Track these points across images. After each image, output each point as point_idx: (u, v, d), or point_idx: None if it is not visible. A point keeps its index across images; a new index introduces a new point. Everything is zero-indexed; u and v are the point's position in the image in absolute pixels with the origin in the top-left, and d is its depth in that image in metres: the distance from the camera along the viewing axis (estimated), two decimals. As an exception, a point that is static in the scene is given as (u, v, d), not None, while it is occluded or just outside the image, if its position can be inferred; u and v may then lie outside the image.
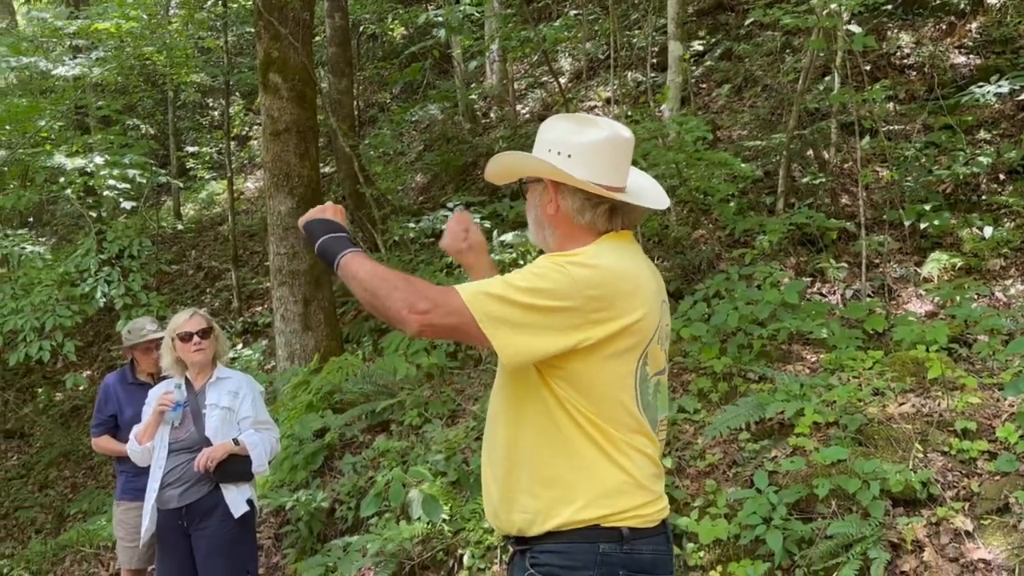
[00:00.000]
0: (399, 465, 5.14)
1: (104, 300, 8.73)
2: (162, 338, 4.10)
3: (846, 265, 6.20)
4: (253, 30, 8.40)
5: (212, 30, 14.55)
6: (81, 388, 9.48)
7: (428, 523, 4.61)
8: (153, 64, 13.06)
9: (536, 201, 2.09)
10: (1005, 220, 6.33)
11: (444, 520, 4.65)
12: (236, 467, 3.78)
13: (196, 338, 3.87)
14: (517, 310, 1.82)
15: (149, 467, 3.88)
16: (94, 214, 10.02)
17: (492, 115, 12.80)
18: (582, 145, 2.02)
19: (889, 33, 9.44)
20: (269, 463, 4.01)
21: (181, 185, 15.62)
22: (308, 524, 5.28)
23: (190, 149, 17.24)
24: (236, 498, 3.79)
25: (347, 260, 1.95)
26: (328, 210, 2.13)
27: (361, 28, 14.58)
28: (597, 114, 10.50)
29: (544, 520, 1.94)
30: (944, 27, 9.20)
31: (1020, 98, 6.83)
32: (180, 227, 15.65)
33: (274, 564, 5.60)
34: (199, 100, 18.13)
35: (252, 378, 4.16)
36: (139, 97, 15.07)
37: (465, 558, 4.49)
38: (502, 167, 2.15)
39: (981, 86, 6.70)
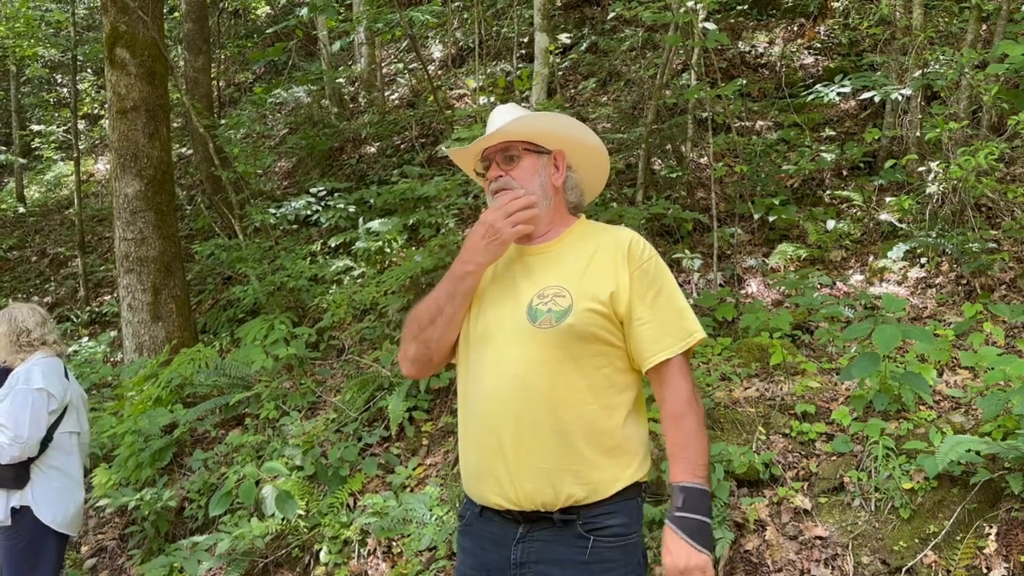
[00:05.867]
0: (253, 460, 4.96)
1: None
2: None
3: (700, 256, 6.41)
4: (100, 2, 7.90)
5: (59, 1, 13.66)
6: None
7: (282, 519, 4.46)
8: (-9, 36, 12.15)
9: (541, 171, 2.16)
10: (846, 214, 6.70)
11: (300, 516, 4.52)
12: None
13: None
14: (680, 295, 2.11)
15: None
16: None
17: (361, 100, 12.54)
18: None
19: (745, 33, 9.83)
20: None
21: (23, 162, 14.60)
22: (155, 524, 5.02)
23: (35, 127, 16.16)
24: None
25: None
26: None
27: (222, 4, 13.99)
28: (466, 103, 10.48)
29: (607, 488, 1.98)
30: (795, 28, 9.66)
31: (862, 97, 7.23)
32: (23, 210, 14.68)
33: (119, 566, 5.31)
34: (46, 76, 17.02)
35: (33, 376, 3.66)
36: (-25, 71, 14.01)
37: (322, 554, 4.38)
38: (543, 126, 2.16)
39: (827, 85, 7.05)
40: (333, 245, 8.25)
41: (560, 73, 10.15)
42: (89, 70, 16.40)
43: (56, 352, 3.85)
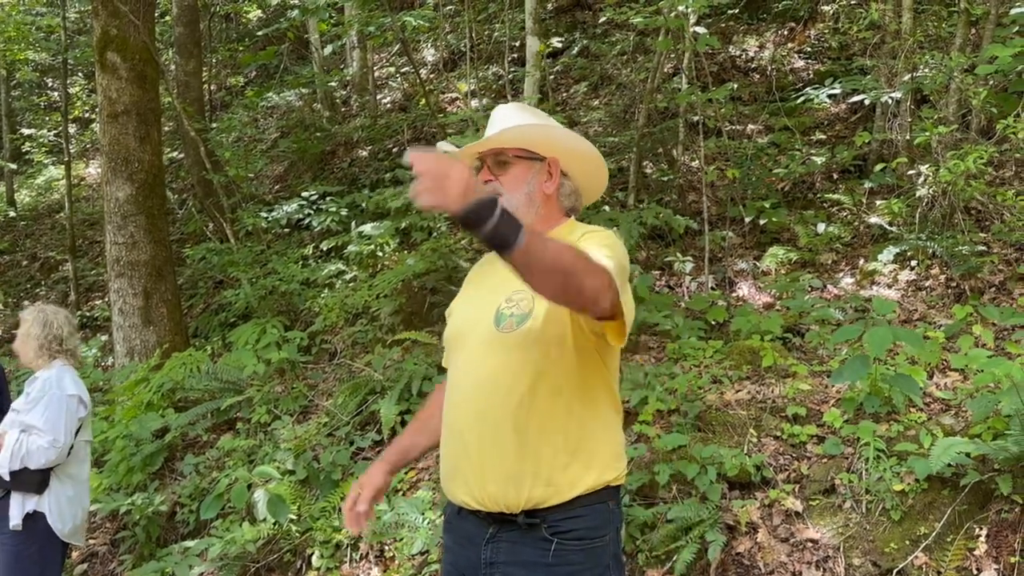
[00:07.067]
0: (245, 465, 4.95)
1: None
2: None
3: (692, 259, 6.42)
4: (91, 6, 7.89)
5: (51, 5, 13.64)
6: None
7: (274, 524, 4.45)
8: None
9: (530, 178, 2.12)
10: (837, 217, 6.73)
11: (292, 520, 4.51)
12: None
13: None
14: (622, 273, 1.89)
15: None
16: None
17: (353, 103, 12.54)
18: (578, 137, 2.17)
19: (735, 37, 9.86)
20: (21, 472, 3.53)
21: (14, 166, 14.55)
22: (146, 528, 5.00)
23: (26, 131, 16.11)
24: (14, 507, 3.51)
25: (531, 236, 1.62)
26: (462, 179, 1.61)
27: (213, 8, 13.97)
28: (458, 107, 10.49)
29: (570, 488, 1.96)
30: (786, 33, 9.70)
31: (852, 101, 7.26)
32: (13, 214, 14.62)
33: (110, 571, 5.29)
34: (36, 80, 16.98)
35: (65, 382, 3.67)
36: (-34, 75, 13.97)
37: (314, 558, 4.37)
38: (535, 136, 2.10)
39: (817, 88, 7.08)
40: (325, 249, 8.25)
41: (552, 77, 10.17)
42: (80, 74, 16.36)
43: (75, 363, 3.86)
